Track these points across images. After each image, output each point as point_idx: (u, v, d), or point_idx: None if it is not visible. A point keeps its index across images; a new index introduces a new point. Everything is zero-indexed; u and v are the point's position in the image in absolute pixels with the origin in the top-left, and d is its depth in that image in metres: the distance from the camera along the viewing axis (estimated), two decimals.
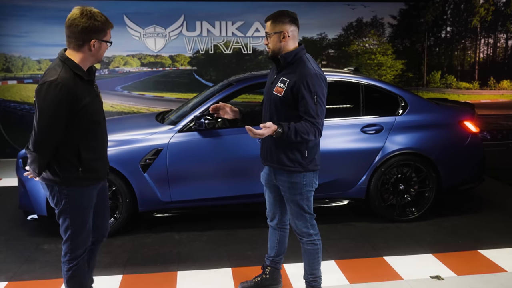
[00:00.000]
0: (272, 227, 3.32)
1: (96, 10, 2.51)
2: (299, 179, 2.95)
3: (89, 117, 2.54)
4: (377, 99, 4.89)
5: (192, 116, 4.51)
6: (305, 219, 3.03)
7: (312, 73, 2.82)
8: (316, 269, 3.12)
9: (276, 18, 2.92)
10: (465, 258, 3.98)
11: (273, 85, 2.97)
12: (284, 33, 2.89)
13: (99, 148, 2.67)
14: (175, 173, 4.41)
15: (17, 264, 3.91)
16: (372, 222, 4.80)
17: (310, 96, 2.78)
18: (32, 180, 4.36)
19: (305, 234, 3.05)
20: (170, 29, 8.36)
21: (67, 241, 2.69)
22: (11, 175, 6.81)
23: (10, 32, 8.01)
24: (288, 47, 2.92)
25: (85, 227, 2.70)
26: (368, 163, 4.68)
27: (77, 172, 2.55)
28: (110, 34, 2.58)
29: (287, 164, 2.93)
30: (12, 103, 8.26)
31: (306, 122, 2.79)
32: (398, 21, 8.89)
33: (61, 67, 2.46)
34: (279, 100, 2.90)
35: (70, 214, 2.62)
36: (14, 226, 4.79)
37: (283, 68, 2.95)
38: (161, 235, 4.49)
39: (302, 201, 3.00)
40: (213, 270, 3.78)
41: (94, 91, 2.62)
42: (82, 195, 2.62)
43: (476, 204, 5.40)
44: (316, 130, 2.81)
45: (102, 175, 2.73)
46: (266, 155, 3.05)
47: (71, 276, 2.75)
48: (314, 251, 3.08)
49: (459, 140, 4.89)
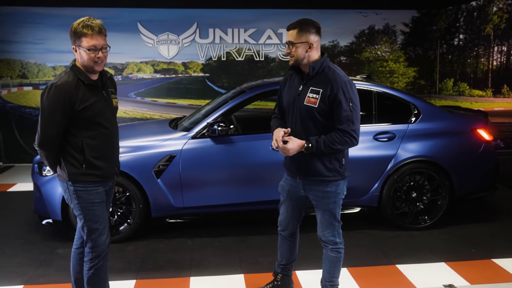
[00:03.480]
0: (283, 236, 3.31)
1: (86, 18, 2.70)
2: (334, 187, 2.95)
3: (91, 118, 2.72)
4: (389, 107, 4.89)
5: (206, 122, 4.54)
6: (334, 227, 3.03)
7: (345, 80, 2.81)
8: (335, 277, 3.11)
9: (302, 28, 2.87)
10: (478, 267, 3.96)
11: (300, 96, 2.90)
12: (311, 44, 2.86)
13: (103, 148, 2.81)
14: (188, 179, 4.44)
15: (33, 268, 3.97)
16: (385, 229, 4.78)
17: (346, 103, 2.77)
18: (47, 185, 4.43)
19: (331, 242, 3.04)
20: (183, 36, 8.44)
21: (87, 240, 2.85)
22: (26, 180, 6.90)
23: (26, 39, 8.14)
24: (313, 56, 2.89)
25: (100, 223, 2.83)
26: (381, 171, 4.67)
27: (81, 168, 2.74)
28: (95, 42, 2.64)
29: (325, 175, 2.91)
30: (28, 108, 8.39)
31: (337, 132, 2.79)
32: (410, 28, 8.88)
33: (67, 72, 2.73)
34: (315, 111, 2.84)
35: (81, 210, 2.80)
36: (29, 230, 4.85)
37: (310, 79, 2.90)
38: (174, 241, 4.52)
39: (335, 210, 2.99)
40: (225, 276, 3.80)
41: (101, 94, 2.79)
42: (88, 191, 2.79)
43: (490, 213, 5.36)
44: (351, 137, 2.80)
45: (107, 174, 2.85)
46: (299, 169, 2.98)
47: (91, 276, 2.86)
48: (336, 259, 3.07)
49: (472, 148, 4.86)
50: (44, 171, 4.49)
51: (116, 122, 2.94)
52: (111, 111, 2.86)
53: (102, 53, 2.68)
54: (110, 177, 2.89)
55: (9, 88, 8.30)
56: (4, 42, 8.08)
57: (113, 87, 2.96)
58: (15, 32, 8.07)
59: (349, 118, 2.78)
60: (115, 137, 2.92)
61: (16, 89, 8.33)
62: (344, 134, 2.79)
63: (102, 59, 2.70)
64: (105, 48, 2.70)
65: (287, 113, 3.02)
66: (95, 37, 2.63)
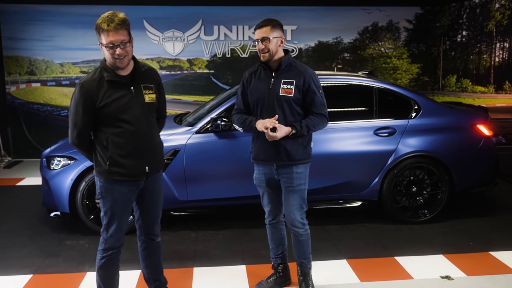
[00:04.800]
0: (272, 226, 3.46)
1: (109, 12, 2.64)
2: (304, 169, 3.20)
3: (114, 114, 2.69)
4: (390, 102, 4.96)
5: (209, 118, 4.64)
6: (303, 210, 3.24)
7: (312, 72, 3.19)
8: (310, 253, 3.34)
9: (273, 25, 3.12)
10: (476, 259, 4.03)
11: (273, 89, 3.13)
12: (282, 38, 3.14)
13: (129, 146, 2.73)
14: (192, 173, 4.54)
15: (41, 258, 4.09)
16: (385, 223, 4.87)
17: (317, 90, 3.14)
18: (55, 179, 4.55)
19: (301, 225, 3.24)
20: (188, 33, 8.53)
21: (103, 231, 2.89)
22: (34, 175, 7.04)
23: (34, 36, 8.27)
24: (281, 52, 3.17)
25: (116, 220, 2.84)
26: (381, 165, 4.75)
27: (105, 165, 2.74)
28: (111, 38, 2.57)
29: (299, 158, 3.16)
30: (36, 105, 8.53)
31: (313, 115, 3.13)
32: (414, 25, 8.93)
33: (95, 70, 2.76)
34: (291, 100, 3.11)
35: (103, 204, 2.83)
36: (38, 223, 4.98)
37: (282, 72, 3.15)
38: (178, 233, 4.63)
39: (303, 192, 3.23)
40: (228, 267, 3.91)
41: (128, 91, 2.72)
42: (112, 188, 2.79)
43: (489, 207, 5.42)
44: (325, 119, 3.18)
45: (132, 173, 2.77)
46: (275, 155, 3.15)
47: (102, 265, 2.92)
48: (307, 239, 3.29)
49: (472, 143, 4.93)
50: (52, 165, 4.61)
51: (148, 119, 2.80)
52: (140, 108, 2.74)
53: (120, 49, 2.58)
54: (137, 176, 2.79)
55: (18, 84, 8.44)
56: (13, 39, 8.22)
57: (151, 82, 2.85)
58: (23, 29, 8.20)
59: (322, 103, 3.16)
60: (145, 135, 2.78)
61: (25, 86, 8.47)
62: (321, 117, 3.15)
63: (123, 55, 2.61)
64: (124, 44, 2.59)
65: (257, 106, 3.20)
66: (111, 34, 2.56)
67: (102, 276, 2.95)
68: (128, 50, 2.64)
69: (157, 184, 2.98)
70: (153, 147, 2.87)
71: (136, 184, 2.83)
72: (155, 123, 2.92)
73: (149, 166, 2.83)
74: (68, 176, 4.48)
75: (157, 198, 3.02)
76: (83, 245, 4.38)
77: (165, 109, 3.14)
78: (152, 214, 3.04)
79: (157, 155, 2.91)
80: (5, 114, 8.36)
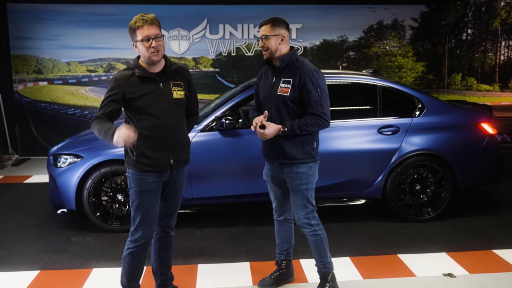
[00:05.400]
0: (279, 222, 3.47)
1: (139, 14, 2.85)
2: (306, 169, 3.13)
3: (143, 108, 2.84)
4: (394, 101, 4.97)
5: (214, 116, 4.68)
6: (308, 210, 3.18)
7: (312, 69, 3.06)
8: (324, 257, 3.26)
9: (274, 23, 3.12)
10: (479, 257, 4.04)
11: (274, 88, 3.14)
12: (283, 36, 3.10)
13: (156, 139, 2.87)
14: (197, 171, 4.57)
15: (48, 254, 4.15)
16: (388, 221, 4.89)
17: (314, 89, 3.02)
18: (62, 176, 4.61)
19: (306, 225, 3.20)
20: (193, 32, 8.58)
21: (131, 223, 2.98)
22: (41, 172, 7.12)
23: (41, 35, 8.35)
24: (283, 50, 3.12)
25: (143, 211, 2.93)
26: (385, 164, 4.77)
27: (133, 157, 2.87)
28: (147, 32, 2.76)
29: (298, 158, 3.11)
30: (43, 103, 8.61)
31: (309, 116, 3.03)
32: (419, 23, 8.92)
33: (129, 66, 2.95)
34: (287, 99, 3.07)
35: (132, 195, 2.95)
36: (45, 220, 5.05)
37: (282, 70, 3.13)
38: (183, 230, 4.67)
39: (307, 192, 3.16)
40: (232, 264, 3.95)
41: (157, 86, 2.87)
42: (139, 179, 2.91)
43: (493, 206, 5.43)
44: (322, 120, 3.04)
45: (159, 165, 2.90)
46: (275, 153, 3.18)
47: (126, 255, 3.02)
48: (318, 241, 3.22)
49: (476, 141, 4.94)
50: (59, 162, 4.67)
51: (176, 115, 2.94)
52: (168, 103, 2.89)
53: (156, 42, 2.76)
54: (162, 167, 2.91)
55: (25, 83, 8.53)
56: (20, 38, 8.30)
57: (181, 80, 2.99)
58: (31, 28, 8.28)
59: (318, 103, 3.02)
60: (172, 129, 2.91)
61: (32, 84, 8.56)
62: (316, 117, 3.02)
63: (158, 48, 2.78)
64: (159, 38, 2.79)
65: (263, 104, 3.24)
66: (146, 27, 2.75)
67: (126, 267, 3.04)
68: (162, 44, 2.82)
69: (181, 179, 3.10)
70: (179, 141, 2.99)
71: (161, 176, 2.94)
72: (183, 119, 3.03)
73: (174, 159, 2.95)
74: (75, 174, 4.54)
75: (178, 192, 3.13)
76: (90, 241, 4.44)
77: (196, 106, 3.25)
78: (171, 207, 3.14)
79: (183, 149, 3.02)
80: (13, 112, 8.45)
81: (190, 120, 3.16)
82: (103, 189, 4.64)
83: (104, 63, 8.63)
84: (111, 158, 4.54)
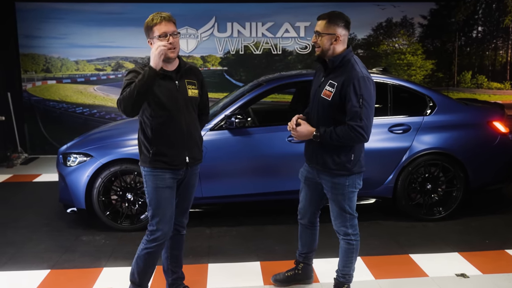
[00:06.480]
0: (302, 225, 3.38)
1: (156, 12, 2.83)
2: (342, 180, 2.97)
3: (157, 105, 2.83)
4: (405, 99, 4.94)
5: (223, 115, 4.66)
6: (345, 218, 3.06)
7: (359, 76, 2.79)
8: (348, 267, 3.16)
9: (331, 19, 2.88)
10: (491, 257, 4.01)
11: (320, 88, 2.97)
12: (337, 36, 2.87)
13: (171, 136, 2.87)
14: (206, 170, 4.54)
15: (58, 253, 4.15)
16: (399, 220, 4.85)
17: (356, 98, 2.76)
18: (72, 175, 4.61)
19: (342, 232, 3.10)
20: (201, 30, 8.56)
21: (150, 222, 2.96)
22: (50, 171, 7.14)
23: (49, 34, 8.36)
24: (337, 49, 2.90)
25: (163, 208, 2.91)
26: (396, 162, 4.73)
27: (149, 154, 2.87)
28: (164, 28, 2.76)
29: (331, 168, 2.96)
30: (52, 102, 8.63)
31: (346, 126, 2.79)
32: (429, 21, 8.84)
33: (144, 63, 2.93)
34: (328, 104, 2.89)
35: (148, 194, 2.94)
36: (55, 219, 5.05)
37: (331, 72, 2.93)
38: (193, 230, 4.65)
39: (343, 202, 3.01)
40: (242, 263, 3.93)
41: (173, 84, 2.87)
42: (155, 176, 2.89)
43: (505, 205, 5.38)
44: (357, 134, 2.78)
45: (174, 162, 2.90)
46: (311, 156, 3.08)
47: (143, 255, 2.98)
48: (349, 250, 3.12)
49: (488, 140, 4.89)
50: (69, 161, 4.67)
51: (190, 113, 2.95)
52: (183, 101, 2.90)
53: (173, 38, 2.77)
54: (178, 165, 2.92)
55: (34, 82, 8.55)
56: (29, 37, 8.32)
57: (194, 78, 3.00)
58: (39, 27, 8.30)
59: (357, 114, 2.76)
60: (187, 127, 2.92)
61: (40, 83, 8.58)
62: (351, 130, 2.77)
63: (174, 44, 2.78)
64: (175, 34, 2.80)
65: (310, 104, 3.11)
66: (163, 24, 2.76)
67: (141, 266, 3.00)
68: (178, 41, 2.83)
69: (194, 177, 3.11)
70: (194, 139, 3.00)
71: (177, 174, 2.94)
72: (196, 118, 3.04)
73: (189, 157, 2.97)
74: (85, 173, 4.54)
75: (192, 190, 3.13)
76: (99, 240, 4.44)
77: (208, 106, 3.25)
78: (184, 205, 3.14)
79: (197, 147, 3.04)
80: (22, 111, 8.48)
81: (201, 120, 3.17)
82: (112, 188, 4.64)
83: (112, 62, 8.64)
84: (120, 157, 4.54)
